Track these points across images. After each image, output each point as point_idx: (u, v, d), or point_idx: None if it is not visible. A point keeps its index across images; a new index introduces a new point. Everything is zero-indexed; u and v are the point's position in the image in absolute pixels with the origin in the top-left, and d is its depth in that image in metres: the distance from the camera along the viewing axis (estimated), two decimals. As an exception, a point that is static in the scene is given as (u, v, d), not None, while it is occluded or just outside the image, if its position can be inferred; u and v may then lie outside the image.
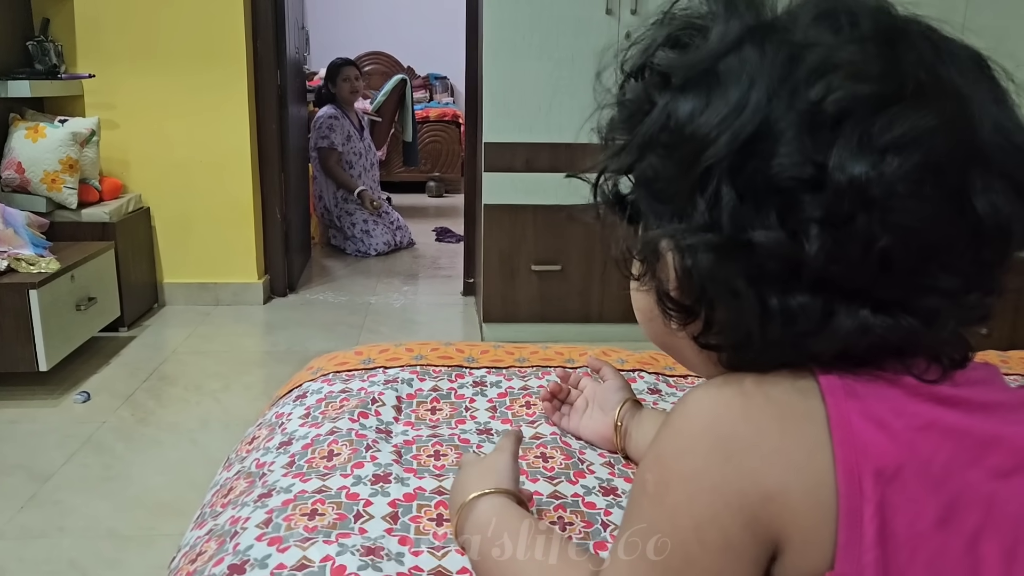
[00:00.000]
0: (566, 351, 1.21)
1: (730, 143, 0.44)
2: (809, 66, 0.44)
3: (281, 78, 3.39)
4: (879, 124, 0.42)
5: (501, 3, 2.76)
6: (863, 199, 0.42)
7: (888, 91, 0.42)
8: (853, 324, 0.44)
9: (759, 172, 0.43)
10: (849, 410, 0.44)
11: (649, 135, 0.48)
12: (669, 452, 0.48)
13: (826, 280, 0.43)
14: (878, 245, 0.42)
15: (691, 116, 0.46)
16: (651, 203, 0.49)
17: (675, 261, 0.48)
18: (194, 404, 2.43)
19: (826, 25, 0.45)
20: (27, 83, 2.80)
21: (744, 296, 0.45)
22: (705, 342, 0.50)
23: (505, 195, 2.89)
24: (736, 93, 0.44)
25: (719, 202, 0.44)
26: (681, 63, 0.48)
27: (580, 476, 0.87)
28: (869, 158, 0.42)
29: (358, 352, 1.19)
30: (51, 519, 1.81)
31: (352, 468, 0.88)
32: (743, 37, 0.46)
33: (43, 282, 2.37)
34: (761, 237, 0.43)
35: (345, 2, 6.73)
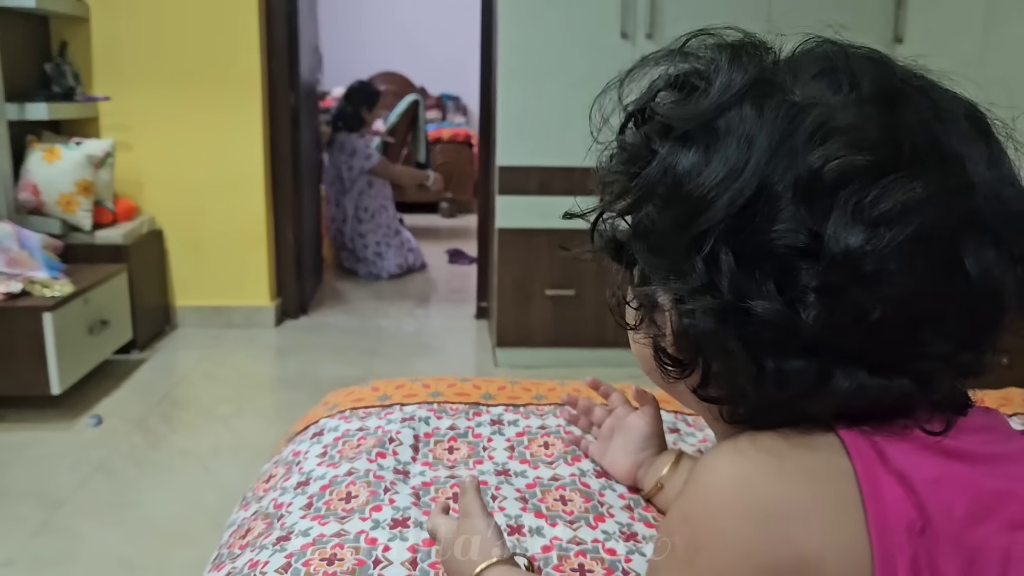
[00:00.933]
0: (584, 388, 1.19)
1: (728, 206, 0.44)
2: (808, 129, 0.44)
3: (295, 100, 3.41)
4: (873, 195, 0.42)
5: (516, 26, 2.78)
6: (856, 272, 0.42)
7: (884, 160, 0.43)
8: (849, 386, 0.44)
9: (757, 237, 0.44)
10: (875, 466, 0.44)
11: (648, 185, 0.48)
12: (699, 515, 0.47)
13: (822, 344, 0.44)
14: (871, 317, 0.43)
15: (690, 172, 0.46)
16: (648, 255, 0.49)
17: (672, 316, 0.48)
18: (205, 429, 2.42)
19: (827, 84, 0.45)
20: (44, 105, 2.83)
21: (739, 357, 0.45)
22: (704, 395, 0.50)
23: (519, 219, 2.89)
24: (735, 152, 0.44)
25: (717, 266, 0.44)
26: (681, 115, 0.48)
27: (600, 520, 0.86)
28: (862, 231, 0.42)
29: (374, 388, 1.18)
30: (63, 547, 1.80)
31: (370, 511, 0.86)
32: (744, 93, 0.46)
33: (57, 305, 2.37)
34: (760, 308, 0.43)
35: (358, 22, 6.78)
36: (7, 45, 2.74)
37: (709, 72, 0.48)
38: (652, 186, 0.48)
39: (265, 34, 3.21)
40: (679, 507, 0.49)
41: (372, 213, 4.42)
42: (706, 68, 0.49)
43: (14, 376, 2.36)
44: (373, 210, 4.43)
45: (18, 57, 2.88)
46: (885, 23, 2.84)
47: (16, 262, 2.49)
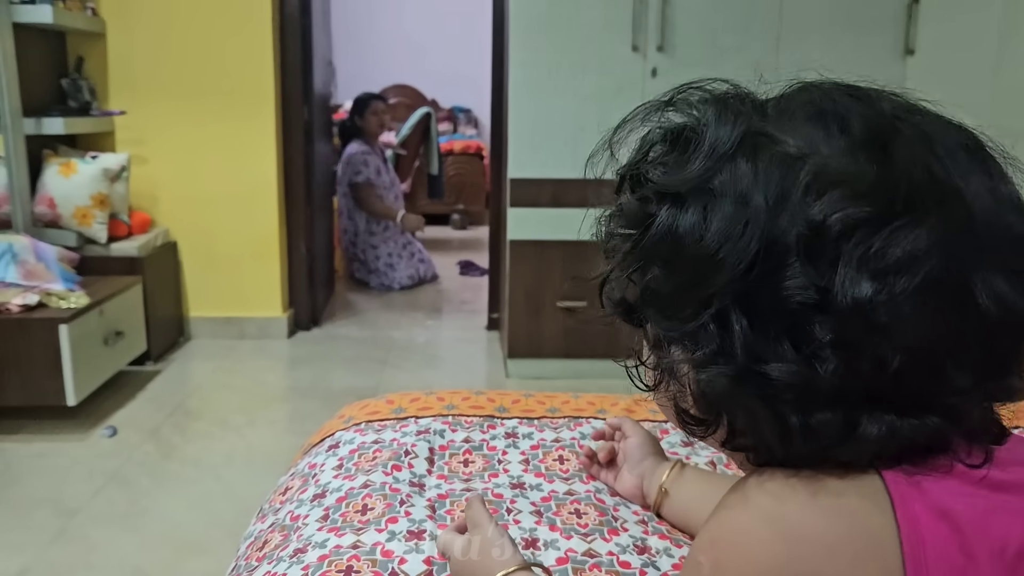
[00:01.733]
0: (598, 401, 1.20)
1: (733, 268, 0.44)
2: (804, 182, 0.43)
3: (308, 113, 3.45)
4: (877, 246, 0.42)
5: (527, 39, 2.80)
6: (869, 323, 0.42)
7: (884, 208, 0.42)
8: (880, 431, 0.43)
9: (765, 296, 0.43)
10: (914, 504, 0.44)
11: (650, 249, 0.48)
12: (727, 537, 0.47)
13: (845, 394, 0.43)
14: (890, 366, 0.42)
15: (691, 235, 0.45)
16: (659, 319, 0.49)
17: (690, 376, 0.48)
18: (219, 440, 2.43)
19: (817, 130, 0.45)
20: (61, 120, 2.86)
21: (761, 416, 0.45)
22: (732, 446, 0.49)
23: (530, 231, 2.90)
24: (734, 212, 0.44)
25: (729, 328, 0.44)
26: (674, 181, 0.47)
27: (614, 534, 0.86)
28: (871, 282, 0.42)
29: (389, 401, 1.19)
30: (78, 555, 1.82)
31: (386, 523, 0.87)
32: (735, 149, 0.46)
33: (72, 317, 2.40)
34: (776, 371, 0.43)
35: (371, 36, 6.84)
36: (25, 61, 2.78)
37: (696, 129, 0.48)
38: (654, 250, 0.48)
39: (279, 49, 3.25)
40: (709, 529, 0.48)
41: (384, 225, 4.45)
42: (695, 124, 0.49)
43: (31, 387, 2.39)
44: (385, 222, 4.46)
45: (35, 72, 2.92)
46: (896, 35, 2.84)
47: (33, 274, 2.52)
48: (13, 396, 2.40)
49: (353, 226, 4.45)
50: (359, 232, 4.45)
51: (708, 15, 2.80)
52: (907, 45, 2.84)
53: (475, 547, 0.73)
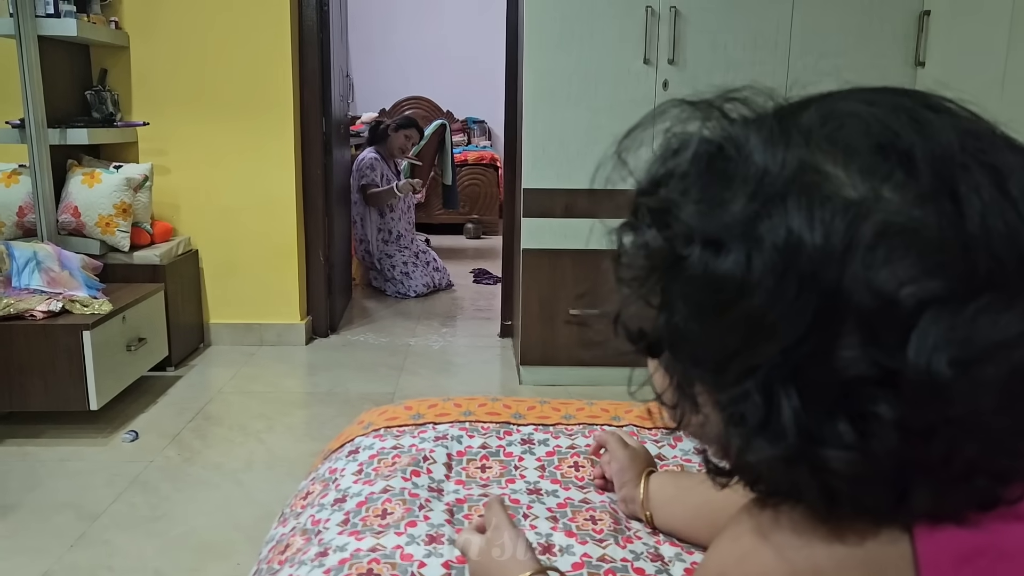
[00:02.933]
0: (612, 408, 1.22)
1: (785, 337, 0.38)
2: (869, 240, 0.37)
3: (326, 125, 3.49)
4: (961, 331, 0.36)
5: (541, 53, 2.83)
6: (943, 410, 0.37)
7: (963, 284, 0.37)
8: (929, 499, 0.40)
9: (821, 368, 0.38)
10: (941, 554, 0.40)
11: (684, 290, 0.42)
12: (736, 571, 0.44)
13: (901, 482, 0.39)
14: (963, 455, 0.38)
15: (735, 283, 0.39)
16: (689, 364, 0.44)
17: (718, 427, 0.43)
18: (238, 444, 2.47)
19: (877, 168, 0.39)
20: (85, 131, 2.92)
21: (809, 489, 0.41)
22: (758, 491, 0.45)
23: (544, 240, 2.93)
24: (785, 269, 0.38)
25: (777, 403, 0.39)
26: (712, 225, 0.40)
27: (628, 541, 0.88)
28: (950, 368, 0.36)
29: (408, 407, 1.22)
30: (99, 559, 1.85)
31: (406, 527, 0.90)
32: (786, 188, 0.39)
33: (96, 323, 2.44)
34: (835, 460, 0.38)
35: (387, 49, 6.92)
36: (50, 73, 2.85)
37: (736, 159, 0.41)
38: (689, 292, 0.42)
39: (298, 61, 3.30)
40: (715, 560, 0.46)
41: (397, 235, 4.50)
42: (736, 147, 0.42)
43: (54, 391, 2.44)
44: (398, 231, 4.52)
45: (60, 84, 2.99)
46: (907, 47, 2.86)
47: (57, 282, 2.57)
48: (37, 401, 2.45)
49: (367, 234, 4.51)
50: (374, 241, 4.50)
51: (719, 29, 2.83)
52: (917, 57, 2.85)
53: (493, 548, 0.75)
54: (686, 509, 0.88)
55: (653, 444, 1.13)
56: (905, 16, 2.84)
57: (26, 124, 2.74)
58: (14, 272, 2.51)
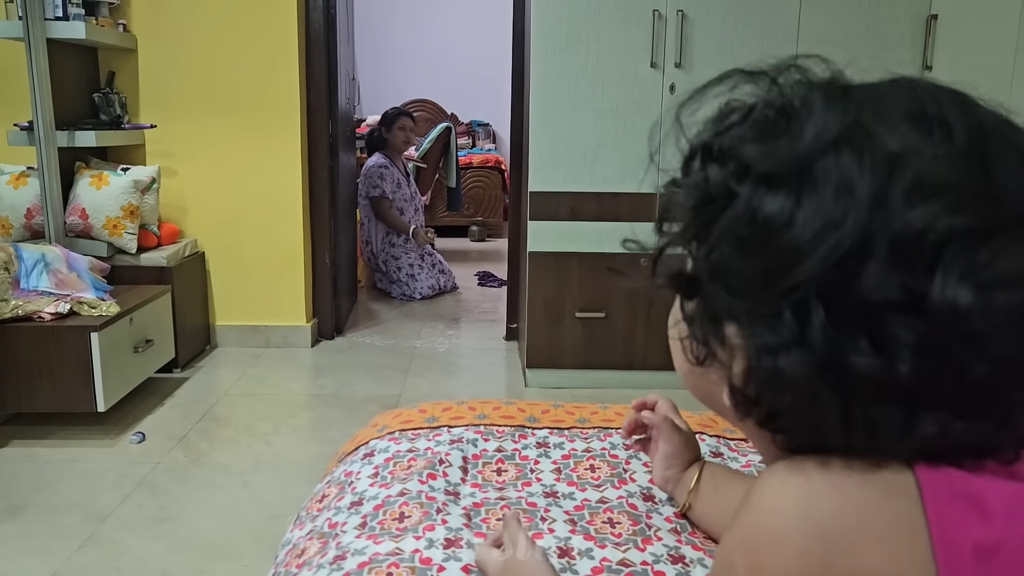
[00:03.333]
0: (626, 412, 1.22)
1: (825, 260, 0.43)
2: (907, 185, 0.43)
3: (332, 128, 3.50)
4: (982, 257, 0.42)
5: (548, 56, 2.83)
6: (962, 331, 0.42)
7: (988, 222, 0.43)
8: (934, 430, 0.44)
9: (852, 291, 0.43)
10: (942, 489, 0.44)
11: (729, 227, 0.46)
12: (761, 537, 0.46)
13: (912, 399, 0.44)
14: (972, 374, 0.43)
15: (781, 219, 0.44)
16: (726, 296, 0.47)
17: (746, 354, 0.47)
18: (245, 446, 2.47)
19: (920, 131, 0.45)
20: (93, 133, 2.93)
21: (829, 406, 0.45)
22: (771, 427, 0.49)
23: (550, 243, 2.93)
24: (833, 203, 0.43)
25: (808, 319, 0.43)
26: (772, 158, 0.46)
27: (647, 543, 0.88)
28: (972, 291, 0.42)
29: (422, 410, 1.22)
30: (107, 560, 1.85)
31: (424, 531, 0.90)
32: (841, 138, 0.45)
33: (103, 325, 2.45)
34: (859, 364, 0.43)
35: (393, 52, 6.94)
36: (58, 75, 2.85)
37: (799, 111, 0.47)
38: (733, 228, 0.46)
39: (305, 64, 3.31)
40: (739, 528, 0.48)
41: (404, 237, 4.51)
42: (796, 106, 0.47)
43: (62, 393, 2.44)
44: (404, 234, 4.52)
45: (68, 87, 2.99)
46: (914, 50, 2.86)
47: (65, 283, 2.58)
48: (45, 402, 2.45)
49: (373, 237, 4.51)
50: (379, 243, 4.51)
51: (726, 32, 2.83)
52: (925, 61, 2.85)
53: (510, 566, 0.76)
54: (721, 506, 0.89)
55: (668, 448, 1.13)
56: (912, 19, 2.84)
57: (34, 126, 2.75)
58: (22, 274, 2.52)
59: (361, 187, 4.50)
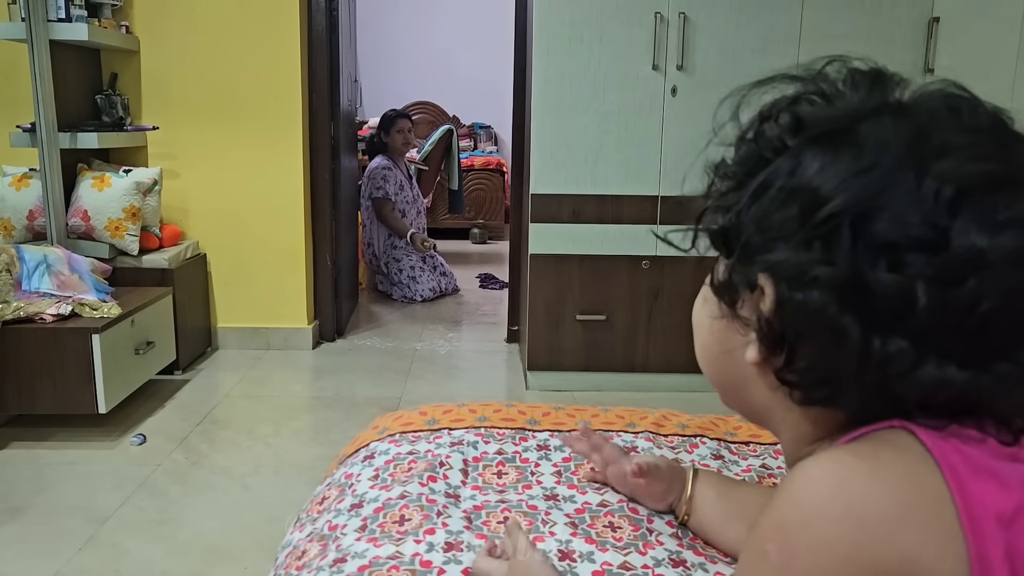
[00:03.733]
0: (627, 414, 1.22)
1: (856, 196, 0.48)
2: (935, 144, 0.48)
3: (334, 130, 3.50)
4: (1000, 202, 0.47)
5: (550, 58, 2.83)
6: (978, 264, 0.46)
7: (1005, 174, 0.48)
8: (937, 375, 0.47)
9: (879, 225, 0.47)
10: (957, 462, 0.46)
11: (773, 177, 0.51)
12: (793, 520, 0.47)
13: (925, 333, 0.47)
14: (981, 307, 0.46)
15: (821, 170, 0.49)
16: (764, 240, 0.51)
17: (775, 294, 0.50)
18: (246, 448, 2.47)
19: (949, 109, 0.51)
20: (95, 135, 2.93)
21: (850, 334, 0.47)
22: (786, 377, 0.52)
23: (551, 245, 2.93)
24: (869, 154, 0.49)
25: (838, 245, 0.47)
26: (825, 116, 0.52)
27: (649, 547, 0.88)
28: (990, 230, 0.46)
29: (423, 412, 1.22)
30: (108, 562, 1.85)
31: (424, 534, 0.90)
32: (882, 108, 0.51)
33: (105, 327, 2.45)
34: (880, 280, 0.46)
35: (394, 55, 6.96)
36: (61, 77, 2.86)
37: (849, 90, 0.53)
38: (777, 178, 0.51)
39: (307, 67, 3.31)
40: (771, 516, 0.49)
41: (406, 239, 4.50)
42: (846, 87, 0.53)
43: (63, 395, 2.44)
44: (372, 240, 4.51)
45: (71, 88, 3.00)
46: (916, 53, 2.86)
47: (66, 285, 2.58)
48: (46, 404, 2.45)
49: (375, 239, 4.51)
50: (381, 244, 4.51)
51: (728, 34, 2.83)
52: (927, 63, 2.85)
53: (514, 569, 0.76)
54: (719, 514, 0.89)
55: (669, 450, 1.12)
56: (914, 22, 2.84)
57: (37, 128, 2.75)
58: (24, 275, 2.52)
59: (364, 188, 4.50)
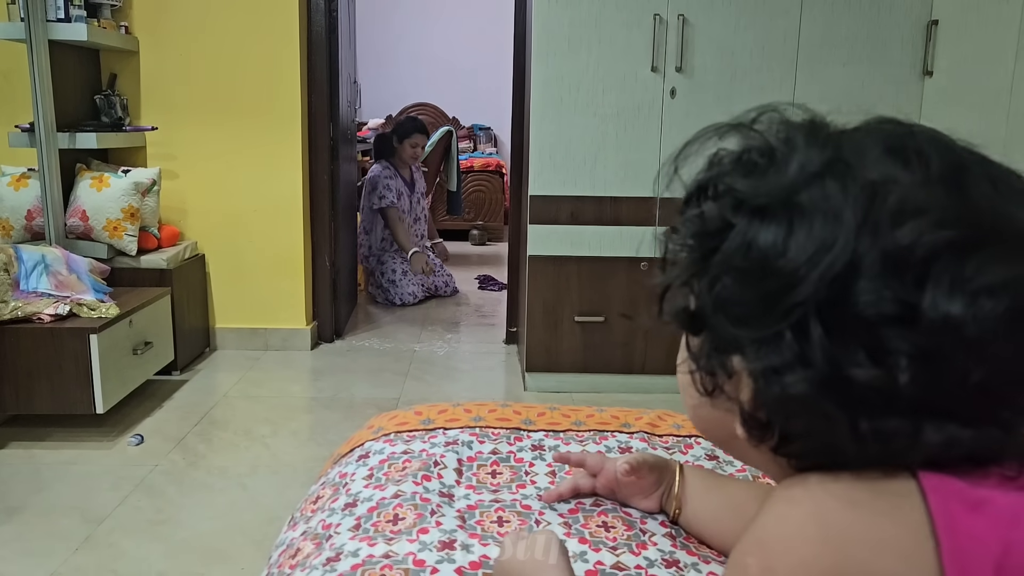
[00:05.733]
0: (622, 415, 1.22)
1: (820, 280, 0.45)
2: (891, 208, 0.46)
3: (333, 131, 3.50)
4: (969, 268, 0.44)
5: (549, 59, 2.84)
6: (957, 338, 0.44)
7: (970, 237, 0.45)
8: (940, 438, 0.46)
9: (848, 308, 0.45)
10: (948, 497, 0.46)
11: (727, 259, 0.49)
12: (774, 540, 0.48)
13: (915, 406, 0.45)
14: (972, 380, 0.45)
15: (775, 247, 0.47)
16: (729, 326, 0.49)
17: (753, 382, 0.49)
18: (243, 449, 2.47)
19: (896, 161, 0.48)
20: (94, 135, 2.94)
21: (838, 422, 0.46)
22: (783, 452, 0.51)
23: (550, 247, 2.93)
24: (822, 228, 0.46)
25: (808, 338, 0.45)
26: (762, 190, 0.49)
27: (642, 547, 0.88)
28: (963, 300, 0.44)
29: (418, 412, 1.22)
30: (104, 562, 1.85)
31: (418, 533, 0.89)
32: (824, 170, 0.48)
33: (103, 327, 2.45)
34: (859, 374, 0.45)
35: (394, 55, 6.96)
36: (60, 77, 2.86)
37: (783, 149, 0.50)
38: (731, 259, 0.49)
39: (306, 68, 3.31)
40: (755, 531, 0.50)
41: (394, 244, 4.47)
42: (780, 145, 0.50)
43: (61, 395, 2.44)
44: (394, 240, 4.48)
45: (70, 88, 3.00)
46: (915, 56, 2.86)
47: (65, 285, 2.58)
48: (43, 404, 2.45)
49: (369, 242, 4.50)
50: (373, 248, 4.49)
51: (727, 37, 2.83)
52: (926, 66, 2.85)
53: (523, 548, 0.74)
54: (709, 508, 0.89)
55: (664, 451, 1.12)
56: (913, 25, 2.85)
57: (35, 128, 2.75)
58: (22, 275, 2.52)
59: (365, 196, 4.46)
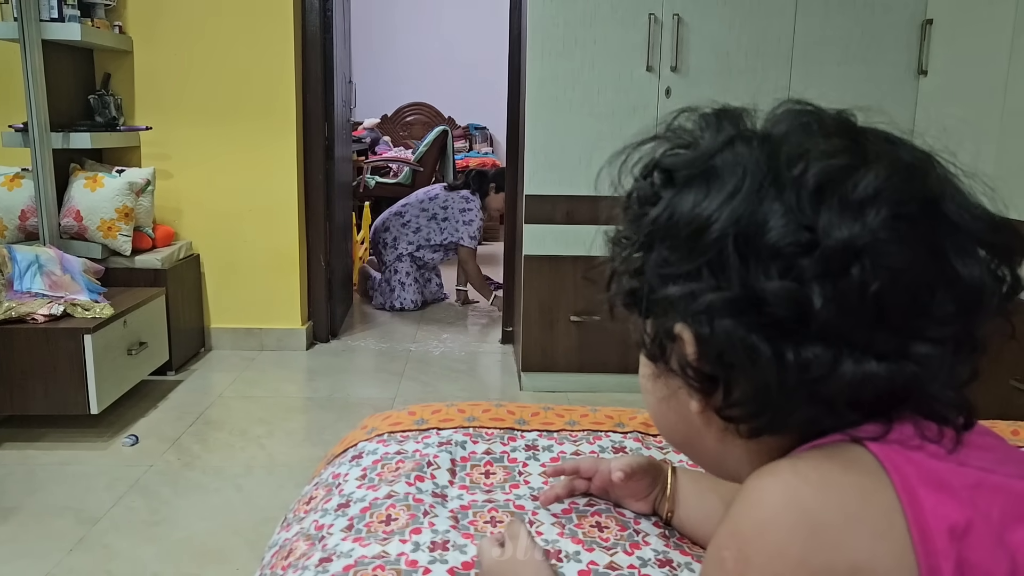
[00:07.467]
0: (616, 415, 1.22)
1: (729, 218, 0.50)
2: (788, 154, 0.51)
3: (328, 131, 3.50)
4: (851, 185, 0.48)
5: (544, 59, 2.84)
6: (852, 251, 0.47)
7: (855, 161, 0.50)
8: (858, 370, 0.48)
9: (759, 241, 0.49)
10: (909, 473, 0.47)
11: (656, 226, 0.53)
12: (747, 527, 0.49)
13: (832, 331, 0.48)
14: (871, 289, 0.47)
15: (697, 204, 0.51)
16: (663, 289, 0.53)
17: (692, 335, 0.52)
18: (239, 449, 2.47)
19: (798, 127, 0.53)
20: (88, 135, 2.93)
21: (762, 351, 0.48)
22: (728, 414, 0.53)
23: (545, 246, 2.93)
24: (732, 180, 0.51)
25: (725, 266, 0.49)
26: (682, 160, 0.54)
27: (636, 547, 0.88)
28: (850, 215, 0.48)
29: (411, 412, 1.22)
30: (99, 563, 1.84)
31: (410, 533, 0.89)
32: (735, 136, 0.53)
33: (97, 327, 2.44)
34: (771, 289, 0.48)
35: (390, 55, 6.95)
36: (54, 77, 2.85)
37: (699, 133, 0.56)
38: (660, 226, 0.53)
39: (301, 67, 3.31)
40: (727, 524, 0.50)
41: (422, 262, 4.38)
42: (697, 130, 0.56)
43: (55, 395, 2.43)
44: (424, 260, 4.37)
45: (64, 88, 2.99)
46: (909, 55, 2.86)
47: (59, 285, 2.57)
48: (38, 404, 2.45)
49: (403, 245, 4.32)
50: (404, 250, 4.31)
51: (722, 37, 2.83)
52: (920, 65, 2.86)
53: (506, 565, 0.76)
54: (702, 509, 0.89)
55: (658, 450, 1.12)
56: (907, 24, 2.85)
57: (29, 128, 2.74)
58: (16, 276, 2.51)
59: (452, 217, 4.26)
